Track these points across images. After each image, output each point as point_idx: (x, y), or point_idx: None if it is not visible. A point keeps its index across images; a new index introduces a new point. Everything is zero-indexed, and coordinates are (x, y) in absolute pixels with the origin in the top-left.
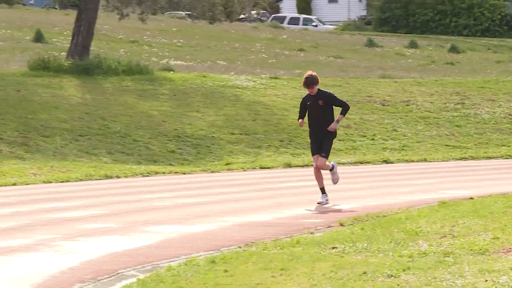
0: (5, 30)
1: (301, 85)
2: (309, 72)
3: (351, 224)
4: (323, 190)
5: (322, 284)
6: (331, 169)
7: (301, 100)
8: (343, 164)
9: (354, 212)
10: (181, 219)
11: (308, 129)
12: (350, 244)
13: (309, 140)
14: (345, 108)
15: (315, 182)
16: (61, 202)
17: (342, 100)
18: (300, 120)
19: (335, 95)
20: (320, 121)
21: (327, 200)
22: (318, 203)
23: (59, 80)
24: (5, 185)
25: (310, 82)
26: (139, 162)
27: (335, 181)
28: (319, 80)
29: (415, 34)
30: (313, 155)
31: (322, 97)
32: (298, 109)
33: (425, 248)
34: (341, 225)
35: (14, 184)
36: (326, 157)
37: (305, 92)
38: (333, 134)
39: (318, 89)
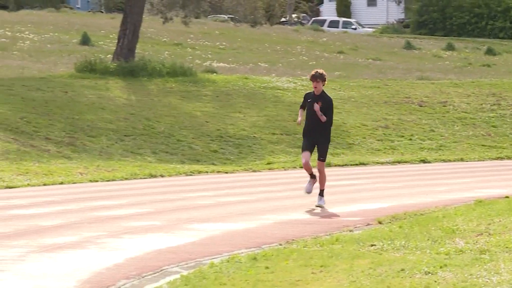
0: (53, 33)
1: (340, 86)
2: (318, 70)
3: (389, 222)
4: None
5: (361, 281)
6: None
7: (305, 93)
8: (381, 163)
9: (392, 210)
10: (223, 217)
11: (304, 127)
12: (389, 241)
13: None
14: (329, 121)
15: (354, 181)
16: (107, 201)
17: (332, 115)
18: (298, 119)
19: (333, 106)
20: (316, 121)
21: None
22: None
23: (105, 81)
24: (53, 184)
25: (317, 76)
26: (182, 162)
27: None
28: (326, 80)
29: (452, 37)
30: (303, 151)
31: (323, 99)
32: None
33: (462, 245)
34: (380, 223)
35: (61, 183)
36: (324, 160)
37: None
38: (327, 138)
39: (323, 91)
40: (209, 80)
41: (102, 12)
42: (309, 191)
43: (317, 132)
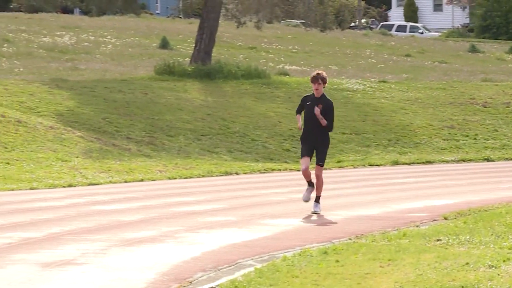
0: (134, 37)
1: (407, 87)
2: (319, 71)
3: (455, 218)
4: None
5: (427, 274)
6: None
7: (303, 96)
8: (447, 162)
9: (457, 206)
10: (295, 213)
11: (302, 132)
12: (454, 236)
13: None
14: (330, 125)
15: (421, 179)
16: (184, 197)
17: (332, 119)
18: (299, 124)
19: (333, 109)
20: (315, 125)
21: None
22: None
23: (183, 84)
24: (133, 181)
25: (318, 78)
26: (256, 160)
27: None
28: (327, 82)
29: None
30: (302, 156)
31: (324, 102)
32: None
33: None
34: (445, 219)
35: (142, 180)
36: (323, 165)
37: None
38: (327, 143)
39: (323, 94)
40: (282, 82)
41: (180, 17)
42: (306, 199)
43: (316, 137)
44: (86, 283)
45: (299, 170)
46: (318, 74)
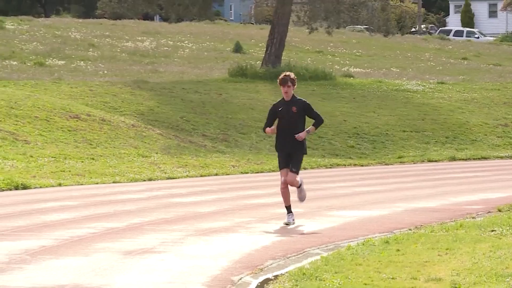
0: (209, 42)
1: (464, 88)
2: (287, 72)
3: (508, 210)
4: (289, 209)
5: (482, 262)
6: (299, 186)
7: (271, 106)
8: (501, 157)
9: (511, 199)
10: (359, 205)
11: (275, 141)
12: (507, 227)
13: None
14: (319, 120)
15: (477, 174)
16: (256, 190)
17: (317, 112)
18: (270, 128)
19: (311, 105)
20: (291, 131)
21: (293, 220)
22: (284, 224)
23: (255, 85)
24: (208, 175)
25: (288, 80)
26: (323, 156)
27: (302, 199)
28: (296, 84)
29: None
30: (280, 169)
31: (297, 104)
32: (278, 115)
33: None
34: (499, 211)
35: (216, 175)
36: (297, 172)
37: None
38: (303, 148)
39: (293, 95)
40: (346, 84)
41: (252, 23)
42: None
43: (292, 143)
44: (165, 270)
45: (362, 165)
46: (286, 75)
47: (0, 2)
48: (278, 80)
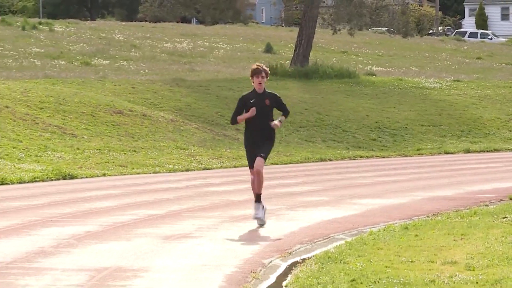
0: (242, 43)
1: (478, 86)
2: (259, 63)
3: None
4: (258, 198)
5: (495, 247)
6: (262, 206)
7: (240, 97)
8: None
9: None
10: (380, 194)
11: (245, 133)
12: None
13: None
14: (287, 112)
15: (490, 165)
16: (285, 180)
17: (285, 104)
18: (240, 117)
19: (281, 97)
20: (263, 124)
21: (263, 213)
22: (256, 219)
23: (284, 83)
24: (241, 166)
25: (262, 70)
26: (347, 148)
27: (257, 216)
28: (268, 76)
29: None
30: (250, 166)
31: (270, 97)
32: (238, 107)
33: None
34: (511, 199)
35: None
36: (265, 157)
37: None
38: (273, 139)
39: (265, 88)
40: (369, 81)
41: (282, 26)
42: (258, 218)
43: (263, 137)
44: (201, 253)
45: (383, 157)
46: (259, 66)
47: (49, 6)
48: (250, 71)
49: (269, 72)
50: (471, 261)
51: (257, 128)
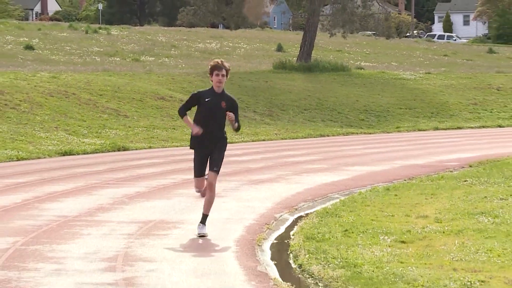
0: (259, 44)
1: (445, 77)
2: (219, 59)
3: (477, 166)
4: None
5: (457, 204)
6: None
7: (195, 92)
8: (472, 128)
9: (478, 158)
10: (367, 162)
11: (193, 138)
12: (476, 178)
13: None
14: (238, 123)
15: (454, 139)
16: (292, 151)
17: (239, 116)
18: (195, 129)
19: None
20: (215, 127)
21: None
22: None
23: (292, 75)
24: (258, 141)
25: (223, 67)
26: (341, 126)
27: (200, 230)
28: (228, 77)
29: None
30: (196, 176)
31: (227, 100)
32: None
33: None
34: (470, 166)
35: (263, 140)
36: (218, 171)
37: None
38: (226, 145)
39: (223, 90)
40: (358, 74)
41: (290, 30)
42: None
43: (216, 142)
44: (225, 209)
45: (370, 134)
46: (221, 61)
47: (107, 14)
48: (210, 67)
49: (230, 70)
50: (439, 215)
51: (208, 130)
